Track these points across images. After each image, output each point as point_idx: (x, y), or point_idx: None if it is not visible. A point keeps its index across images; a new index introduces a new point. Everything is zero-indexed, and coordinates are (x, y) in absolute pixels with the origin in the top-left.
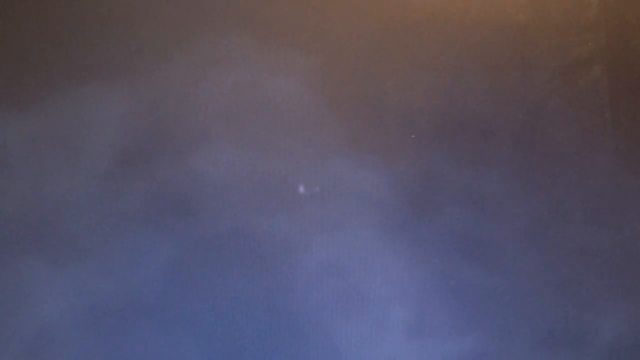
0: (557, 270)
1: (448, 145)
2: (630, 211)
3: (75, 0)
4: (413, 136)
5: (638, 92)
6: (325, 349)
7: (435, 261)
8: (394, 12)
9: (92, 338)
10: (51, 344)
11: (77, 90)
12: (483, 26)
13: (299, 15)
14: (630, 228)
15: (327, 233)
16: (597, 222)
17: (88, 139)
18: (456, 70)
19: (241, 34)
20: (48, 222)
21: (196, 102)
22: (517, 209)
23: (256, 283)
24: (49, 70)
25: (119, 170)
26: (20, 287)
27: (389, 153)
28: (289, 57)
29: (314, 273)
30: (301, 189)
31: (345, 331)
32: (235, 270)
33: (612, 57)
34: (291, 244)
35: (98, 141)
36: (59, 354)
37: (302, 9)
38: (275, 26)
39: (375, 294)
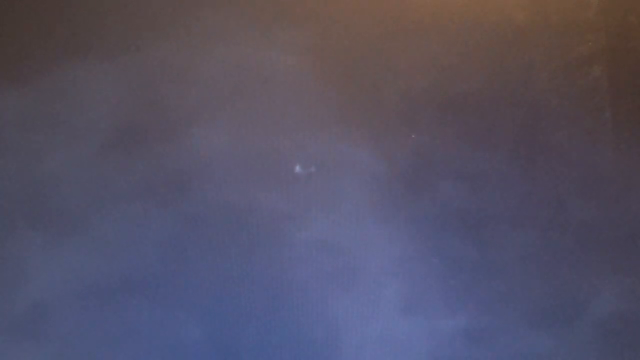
0: (551, 248)
1: (445, 125)
2: (631, 210)
3: None
4: (413, 136)
5: (638, 92)
6: (320, 324)
7: (435, 260)
8: (393, 5)
9: (86, 314)
10: (45, 320)
11: (71, 67)
12: (483, 26)
13: None
14: (630, 227)
15: (323, 210)
16: (598, 222)
17: (83, 115)
18: (456, 69)
19: (237, 9)
20: (42, 199)
21: (191, 77)
22: (516, 202)
23: (252, 260)
24: (43, 47)
25: (115, 147)
26: (15, 263)
27: (384, 131)
28: (286, 33)
29: (309, 249)
30: (297, 167)
31: (340, 307)
32: (231, 247)
33: (612, 57)
34: (287, 221)
35: (93, 117)
36: (52, 330)
37: None
38: (272, 1)
39: (370, 270)
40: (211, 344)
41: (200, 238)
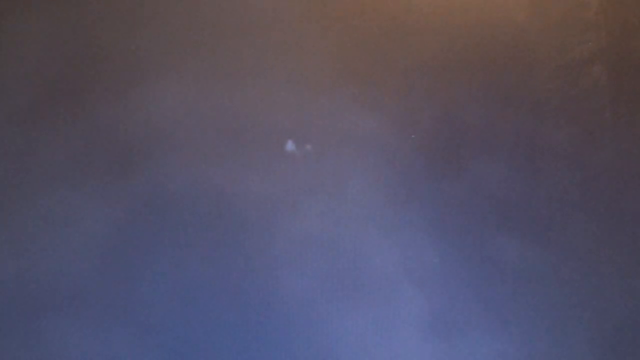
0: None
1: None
2: (631, 210)
3: None
4: (413, 136)
5: (638, 92)
6: (313, 348)
7: (436, 261)
8: (395, 10)
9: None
10: None
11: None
12: (483, 26)
13: None
14: (630, 226)
15: (322, 199)
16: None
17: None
18: (456, 69)
19: None
20: None
21: (146, 14)
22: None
23: (225, 259)
24: None
25: (40, 107)
26: None
27: (396, 94)
28: None
29: (303, 250)
30: (289, 144)
31: (342, 326)
32: (199, 244)
33: (612, 57)
34: (276, 213)
35: (12, 67)
36: None
37: None
38: None
39: (380, 277)
40: None
41: (155, 233)
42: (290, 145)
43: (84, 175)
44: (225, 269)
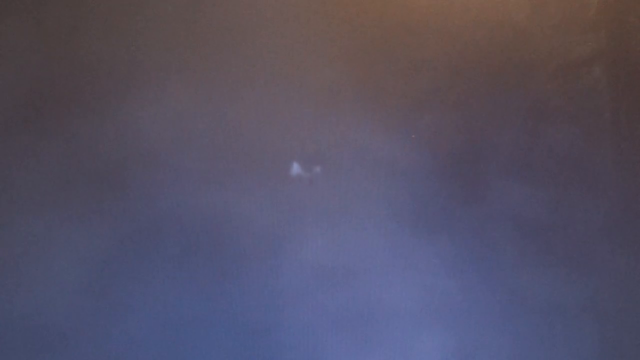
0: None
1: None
2: (631, 209)
3: None
4: (413, 136)
5: (638, 92)
6: None
7: (458, 294)
8: (396, 10)
9: None
10: None
11: None
12: (483, 26)
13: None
14: (630, 226)
15: (330, 226)
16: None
17: None
18: (456, 70)
19: None
20: None
21: (137, 20)
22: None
23: (224, 294)
24: None
25: (19, 121)
26: None
27: (413, 113)
28: None
29: (308, 278)
30: (295, 166)
31: None
32: (194, 274)
33: (612, 57)
34: (279, 242)
35: None
36: None
37: None
38: None
39: (397, 312)
40: None
41: (146, 264)
42: (296, 169)
43: (59, 204)
44: (224, 304)
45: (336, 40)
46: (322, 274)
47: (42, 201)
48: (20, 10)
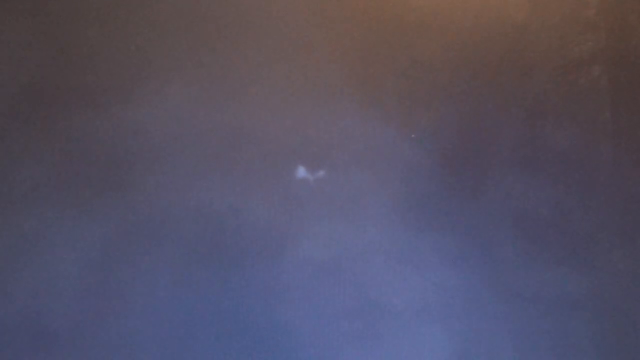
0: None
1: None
2: (631, 209)
3: None
4: (413, 136)
5: (638, 92)
6: None
7: (460, 293)
8: (395, 10)
9: None
10: None
11: None
12: (483, 26)
13: None
14: (630, 224)
15: (331, 220)
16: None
17: None
18: (456, 70)
19: None
20: None
21: (142, 14)
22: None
23: (226, 295)
24: None
25: (17, 116)
26: None
27: (420, 109)
28: None
29: (310, 278)
30: (300, 170)
31: None
32: (196, 275)
33: (612, 57)
34: (285, 245)
35: None
36: None
37: None
38: None
39: (399, 309)
40: None
41: (147, 264)
42: (298, 169)
43: (63, 195)
44: (227, 305)
45: (336, 41)
46: (324, 273)
47: (41, 200)
48: (19, 8)
